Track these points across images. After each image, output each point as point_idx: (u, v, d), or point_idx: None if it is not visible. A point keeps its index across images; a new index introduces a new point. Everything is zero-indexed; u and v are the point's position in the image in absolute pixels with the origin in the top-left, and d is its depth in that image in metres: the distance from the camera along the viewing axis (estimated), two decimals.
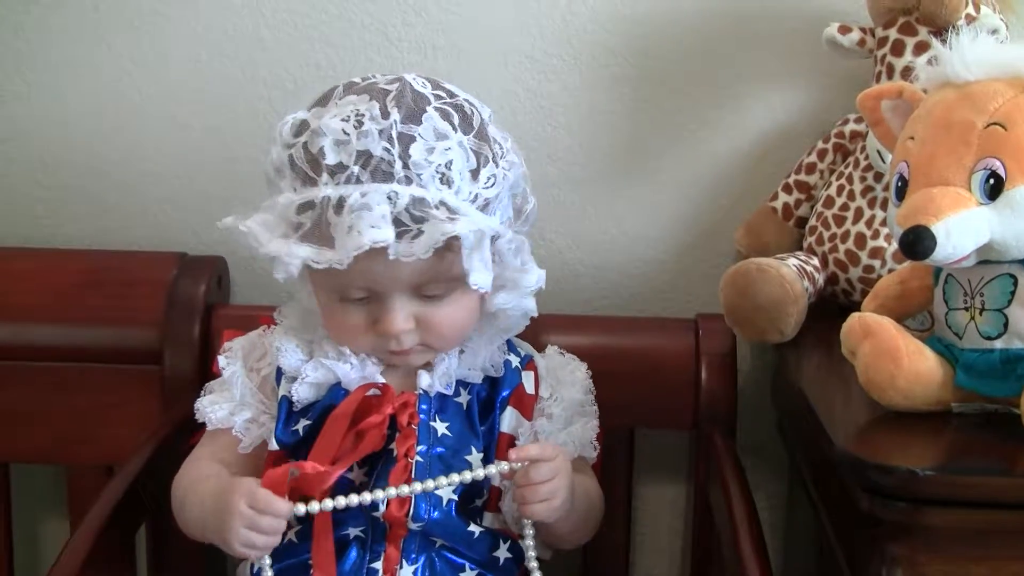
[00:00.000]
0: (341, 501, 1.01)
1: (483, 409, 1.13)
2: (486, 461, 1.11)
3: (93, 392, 1.36)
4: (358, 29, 1.40)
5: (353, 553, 1.07)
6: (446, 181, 1.01)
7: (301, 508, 1.01)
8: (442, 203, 1.01)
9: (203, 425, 1.14)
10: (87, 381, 1.36)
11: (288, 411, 1.10)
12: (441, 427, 1.11)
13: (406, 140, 1.00)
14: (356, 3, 1.40)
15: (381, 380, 1.10)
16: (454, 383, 1.13)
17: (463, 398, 1.13)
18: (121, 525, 1.15)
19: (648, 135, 1.41)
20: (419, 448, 1.08)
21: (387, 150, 1.00)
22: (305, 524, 1.07)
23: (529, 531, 1.08)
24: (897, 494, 0.85)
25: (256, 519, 1.00)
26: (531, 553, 1.08)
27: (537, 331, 1.22)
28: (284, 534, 1.07)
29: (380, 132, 1.00)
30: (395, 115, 1.01)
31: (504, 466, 1.04)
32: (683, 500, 1.46)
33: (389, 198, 0.99)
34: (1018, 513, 0.85)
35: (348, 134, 1.00)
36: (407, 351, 1.09)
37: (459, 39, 1.40)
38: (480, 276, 1.02)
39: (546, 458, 1.05)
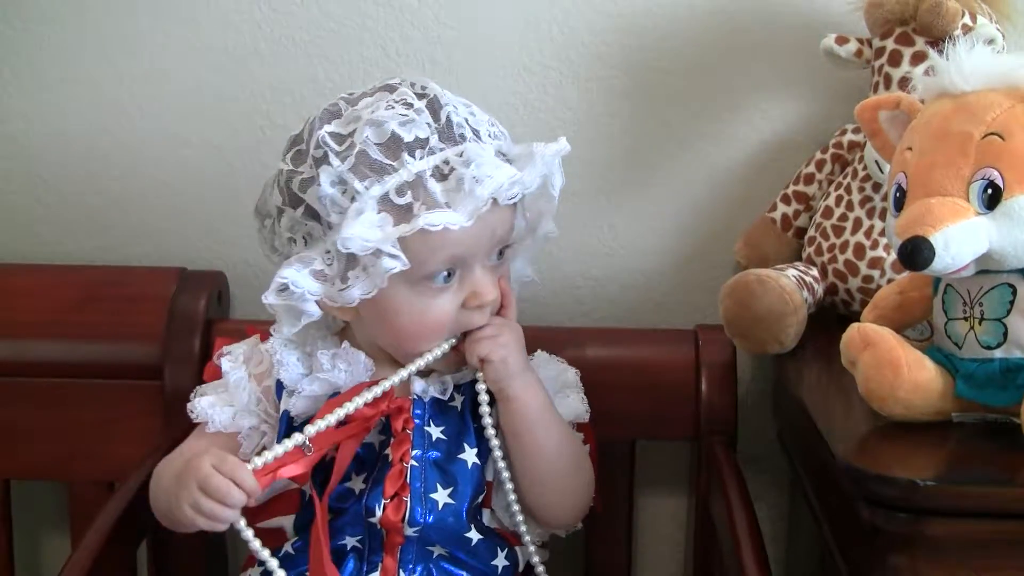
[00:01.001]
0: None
1: (475, 408, 1.13)
2: (480, 457, 1.11)
3: (94, 408, 1.37)
4: (356, 44, 1.41)
5: (351, 564, 1.08)
6: (495, 136, 1.08)
7: (269, 456, 1.00)
8: (503, 153, 1.07)
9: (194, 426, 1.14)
10: (88, 397, 1.37)
11: (288, 425, 1.10)
12: (435, 431, 1.11)
13: (451, 107, 1.05)
14: (354, 18, 1.40)
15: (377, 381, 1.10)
16: (451, 388, 1.13)
17: (457, 401, 1.13)
18: (122, 541, 1.16)
19: (646, 147, 1.42)
20: (414, 453, 1.08)
21: (452, 114, 1.05)
22: (303, 535, 1.07)
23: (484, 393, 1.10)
24: (898, 505, 0.85)
25: (210, 477, 0.99)
26: (484, 403, 1.11)
27: (536, 343, 1.22)
28: (280, 547, 1.08)
29: (432, 108, 1.04)
30: (433, 92, 1.06)
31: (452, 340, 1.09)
32: (684, 511, 1.46)
33: (474, 154, 1.03)
34: (1019, 523, 0.85)
35: (406, 115, 1.03)
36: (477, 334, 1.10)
37: (457, 53, 1.40)
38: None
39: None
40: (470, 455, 1.11)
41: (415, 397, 1.11)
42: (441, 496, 1.08)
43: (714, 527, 1.26)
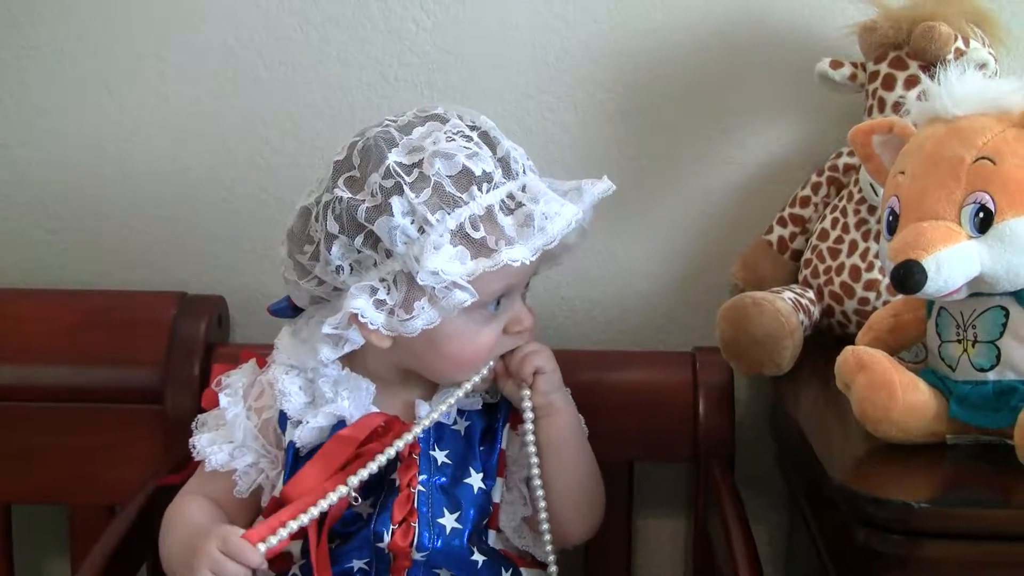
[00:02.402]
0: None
1: (484, 435, 1.14)
2: (487, 480, 1.12)
3: (94, 432, 1.37)
4: (355, 70, 1.42)
5: None
6: (533, 170, 1.11)
7: (273, 540, 1.00)
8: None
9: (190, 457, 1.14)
10: (88, 421, 1.37)
11: (295, 456, 1.10)
12: (440, 455, 1.11)
13: (502, 143, 1.08)
14: (353, 44, 1.41)
15: (377, 411, 1.11)
16: (454, 412, 1.14)
17: (460, 425, 1.14)
18: (123, 565, 1.16)
19: (643, 170, 1.42)
20: (421, 478, 1.09)
21: (508, 150, 1.07)
22: (308, 560, 1.07)
23: (528, 411, 1.13)
24: (893, 527, 0.85)
25: (223, 564, 1.00)
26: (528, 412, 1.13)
27: None
28: (288, 568, 1.08)
29: (482, 139, 1.07)
30: (472, 130, 1.07)
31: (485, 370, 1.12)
32: (682, 533, 1.47)
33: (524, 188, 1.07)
34: (1014, 545, 0.86)
35: (467, 147, 1.05)
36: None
37: (456, 78, 1.41)
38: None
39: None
40: (476, 480, 1.12)
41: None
42: (448, 521, 1.09)
43: (712, 549, 1.26)
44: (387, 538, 1.06)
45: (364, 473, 1.05)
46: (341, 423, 1.10)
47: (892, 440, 0.94)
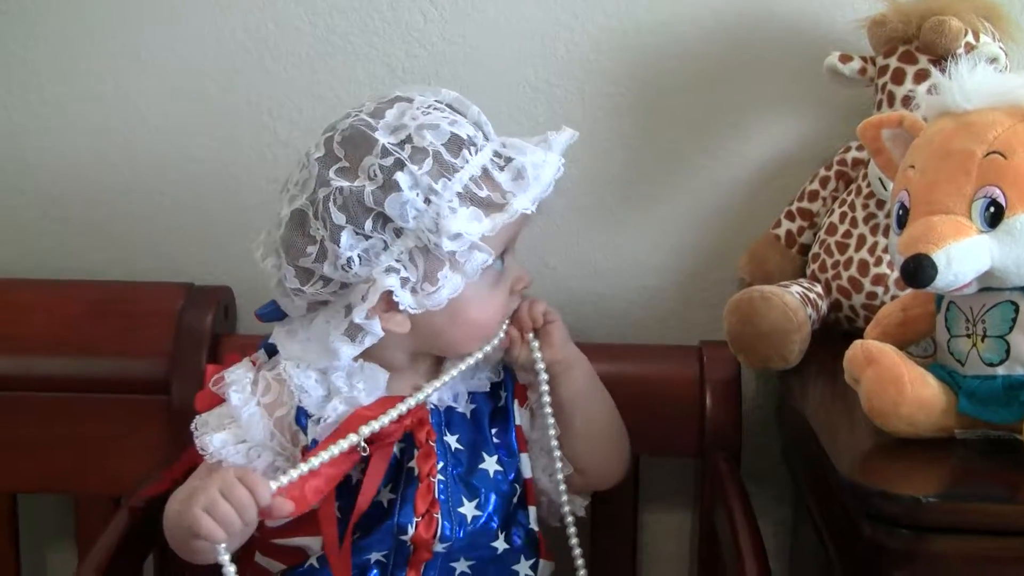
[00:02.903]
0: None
1: (493, 417, 1.15)
2: (502, 463, 1.13)
3: (100, 423, 1.37)
4: (363, 61, 1.42)
5: None
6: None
7: (283, 480, 1.01)
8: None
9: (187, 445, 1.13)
10: (94, 412, 1.37)
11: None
12: (452, 441, 1.12)
13: (471, 108, 1.11)
14: (360, 36, 1.41)
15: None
16: (465, 393, 1.14)
17: (465, 408, 1.14)
18: (129, 555, 1.16)
19: (650, 163, 1.42)
20: (439, 466, 1.09)
21: (478, 113, 1.11)
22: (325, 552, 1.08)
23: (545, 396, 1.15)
24: (900, 522, 0.85)
25: (233, 487, 0.99)
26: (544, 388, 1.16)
27: None
28: (305, 559, 1.08)
29: (450, 109, 1.09)
30: (440, 103, 1.10)
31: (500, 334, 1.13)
32: (688, 526, 1.46)
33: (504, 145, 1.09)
34: (1022, 540, 0.85)
35: (446, 116, 1.07)
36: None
37: (463, 70, 1.41)
38: None
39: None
40: (491, 464, 1.12)
41: (432, 407, 1.12)
42: (468, 509, 1.09)
43: (718, 542, 1.26)
44: (411, 531, 1.06)
45: (376, 425, 1.05)
46: None
47: (900, 435, 0.94)
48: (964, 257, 0.89)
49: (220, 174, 1.45)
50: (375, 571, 1.08)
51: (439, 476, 1.09)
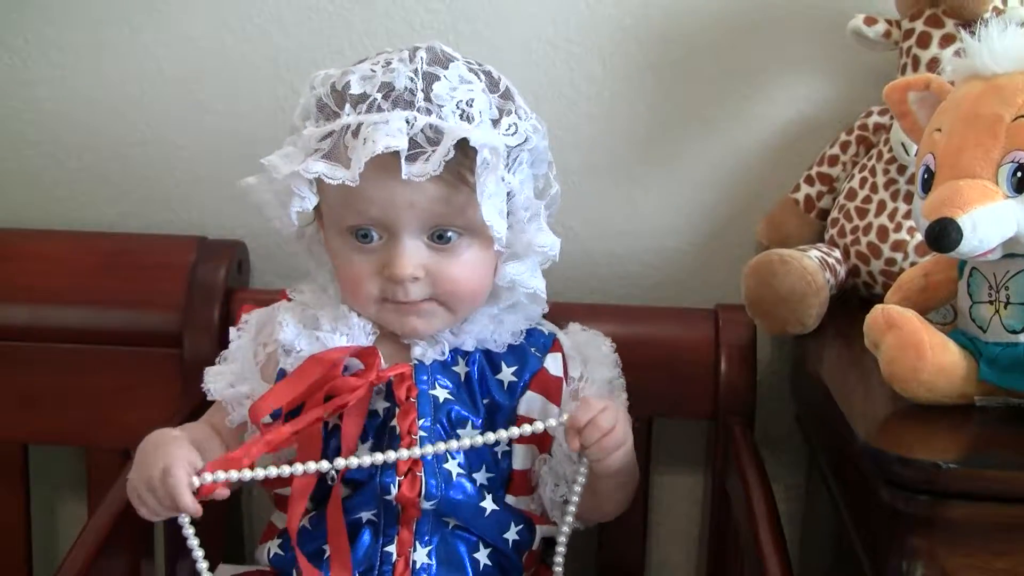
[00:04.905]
0: (287, 469, 1.02)
1: (481, 383, 1.12)
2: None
3: (112, 375, 1.37)
4: (381, 16, 1.40)
5: (366, 537, 1.08)
6: (466, 118, 1.02)
7: (208, 477, 1.00)
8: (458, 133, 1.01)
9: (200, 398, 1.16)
10: (107, 363, 1.37)
11: None
12: (442, 393, 1.10)
13: (430, 77, 1.03)
14: None
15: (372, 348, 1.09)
16: (447, 349, 1.11)
17: (460, 367, 1.12)
18: None
19: (670, 124, 1.41)
20: (421, 422, 1.07)
21: (411, 80, 1.02)
22: (320, 510, 1.08)
23: (577, 487, 1.07)
24: (919, 487, 0.85)
25: (155, 490, 0.99)
26: (572, 507, 1.08)
27: (556, 319, 1.22)
28: (300, 521, 1.08)
29: (406, 69, 1.02)
30: (422, 57, 1.04)
31: (540, 425, 1.04)
32: (700, 489, 1.46)
33: (407, 121, 1.00)
34: None
35: (375, 71, 1.03)
36: (415, 304, 1.07)
37: (482, 27, 1.40)
38: (493, 215, 1.02)
39: (600, 409, 1.04)
40: (472, 433, 1.09)
41: (416, 362, 1.10)
42: (453, 465, 1.08)
43: (730, 505, 1.26)
44: (394, 490, 1.05)
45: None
46: None
47: (920, 401, 0.93)
48: (989, 222, 0.88)
49: (235, 127, 1.44)
50: (367, 530, 1.08)
51: (422, 432, 1.07)
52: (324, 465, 1.02)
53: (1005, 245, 0.90)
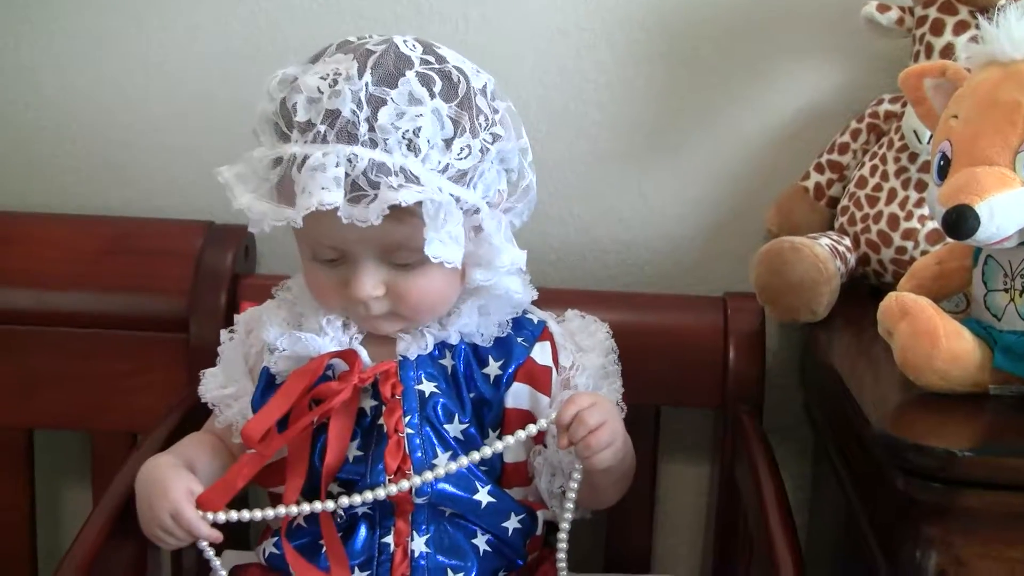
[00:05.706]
0: (294, 509, 1.04)
1: (468, 378, 1.11)
2: (474, 429, 1.10)
3: (118, 359, 1.37)
4: (389, 2, 1.40)
5: (362, 531, 1.08)
6: (412, 148, 0.99)
7: (222, 517, 1.04)
8: (403, 170, 0.98)
9: None
10: (112, 348, 1.37)
11: (267, 382, 1.09)
12: (429, 387, 1.09)
13: (376, 103, 0.99)
14: None
15: (360, 351, 1.08)
16: (430, 343, 1.10)
17: (447, 360, 1.11)
18: None
19: (679, 112, 1.40)
20: (407, 420, 1.07)
21: (354, 112, 0.98)
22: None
23: (574, 484, 1.06)
24: (934, 475, 0.84)
25: (173, 532, 1.03)
26: (569, 504, 1.07)
27: (562, 306, 1.22)
28: (293, 519, 1.08)
29: (352, 93, 0.98)
30: (369, 77, 0.99)
31: (529, 430, 1.03)
32: (707, 478, 1.46)
33: (349, 160, 0.97)
34: None
35: (321, 92, 1.00)
36: (377, 317, 1.07)
37: (490, 13, 1.39)
38: (440, 248, 0.99)
39: (587, 406, 1.03)
40: (456, 429, 1.09)
41: (401, 358, 1.09)
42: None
43: (738, 494, 1.26)
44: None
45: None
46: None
47: (933, 389, 0.93)
48: (1007, 210, 0.88)
49: (241, 114, 1.41)
50: (363, 523, 1.07)
51: (408, 430, 1.06)
52: (329, 505, 1.04)
53: (1022, 233, 0.90)
